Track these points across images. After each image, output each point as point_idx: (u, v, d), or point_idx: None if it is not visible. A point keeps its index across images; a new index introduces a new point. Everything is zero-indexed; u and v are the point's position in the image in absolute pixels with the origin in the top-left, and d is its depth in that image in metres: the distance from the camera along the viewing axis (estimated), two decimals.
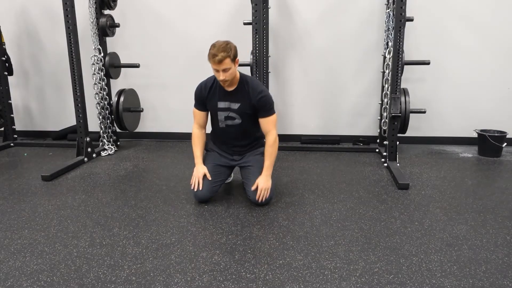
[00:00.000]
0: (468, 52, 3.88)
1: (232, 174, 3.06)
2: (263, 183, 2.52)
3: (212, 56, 2.36)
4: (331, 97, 4.16)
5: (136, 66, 4.00)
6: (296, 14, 4.02)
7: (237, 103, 2.55)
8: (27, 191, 2.92)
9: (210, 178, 2.59)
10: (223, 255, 2.01)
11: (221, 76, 2.39)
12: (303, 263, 1.93)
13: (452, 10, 3.82)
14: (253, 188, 2.53)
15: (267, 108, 2.54)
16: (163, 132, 4.46)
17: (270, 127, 2.56)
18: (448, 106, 4.02)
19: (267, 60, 3.81)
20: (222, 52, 2.32)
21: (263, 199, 2.51)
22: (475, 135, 3.76)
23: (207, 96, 2.61)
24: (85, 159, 3.62)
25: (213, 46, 2.37)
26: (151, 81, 4.34)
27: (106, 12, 3.88)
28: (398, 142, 3.46)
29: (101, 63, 3.82)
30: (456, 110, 4.02)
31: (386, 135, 3.49)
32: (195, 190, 2.58)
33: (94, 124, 3.96)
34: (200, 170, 2.62)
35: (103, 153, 3.89)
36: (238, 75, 2.50)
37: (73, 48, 3.50)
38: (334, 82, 4.12)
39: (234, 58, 2.39)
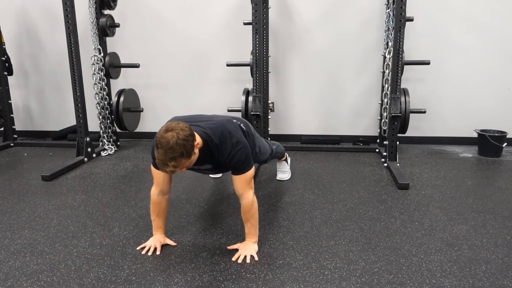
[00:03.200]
0: (468, 52, 3.88)
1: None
2: (244, 250, 2.01)
3: (161, 165, 1.73)
4: (331, 97, 4.16)
5: (136, 66, 4.00)
6: (296, 14, 4.02)
7: (208, 165, 2.07)
8: (27, 191, 2.92)
9: (158, 253, 2.05)
10: (223, 255, 2.01)
11: (181, 172, 1.83)
12: (303, 263, 1.93)
13: (452, 10, 3.82)
14: (233, 258, 1.98)
15: (239, 166, 1.96)
16: None
17: (243, 187, 1.98)
18: (448, 106, 4.02)
19: (267, 60, 3.81)
20: (171, 161, 1.69)
21: (244, 262, 1.96)
22: (475, 135, 3.76)
23: None
24: (85, 159, 3.62)
25: (157, 145, 1.70)
26: (151, 81, 4.34)
27: (106, 12, 3.88)
28: (398, 142, 3.46)
29: (101, 63, 3.82)
30: (456, 110, 4.02)
31: (386, 135, 3.49)
32: (147, 254, 2.05)
33: (94, 124, 3.96)
34: (157, 239, 2.10)
35: (103, 153, 3.88)
36: (201, 142, 1.86)
37: (73, 48, 3.50)
38: (334, 82, 4.12)
39: (190, 153, 1.73)
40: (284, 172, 3.14)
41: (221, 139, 1.92)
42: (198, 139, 1.83)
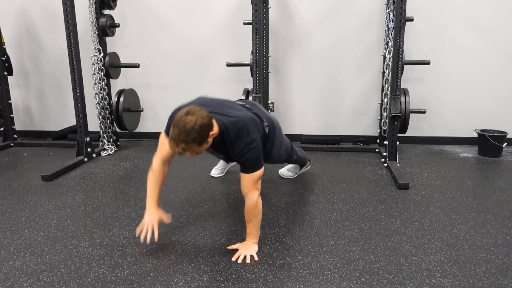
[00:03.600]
0: (468, 52, 3.88)
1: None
2: (244, 250, 2.01)
3: (171, 143, 1.78)
4: (331, 97, 4.16)
5: (136, 66, 4.00)
6: (296, 14, 4.02)
7: (222, 154, 2.13)
8: (27, 191, 2.92)
9: (156, 234, 2.02)
10: (223, 255, 2.01)
11: (190, 155, 1.85)
12: (303, 263, 1.93)
13: (452, 10, 3.82)
14: (233, 258, 1.98)
15: (247, 165, 1.95)
16: None
17: (248, 187, 1.96)
18: (448, 106, 4.02)
19: (267, 60, 3.82)
20: (183, 143, 1.74)
21: (244, 262, 1.96)
22: (475, 135, 3.76)
23: None
24: (85, 159, 3.62)
25: (174, 123, 1.76)
26: (151, 81, 4.33)
27: (106, 12, 3.88)
28: (398, 142, 3.46)
29: (101, 63, 3.82)
30: (456, 110, 4.02)
31: (386, 135, 3.49)
32: (145, 241, 2.01)
33: (94, 124, 3.96)
34: (153, 216, 2.05)
35: (103, 153, 3.88)
36: (217, 132, 1.88)
37: (73, 48, 3.50)
38: (334, 82, 4.12)
39: (202, 141, 1.78)
40: (290, 171, 3.12)
41: (237, 133, 1.91)
42: (215, 129, 1.86)
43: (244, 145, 1.91)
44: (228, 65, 3.75)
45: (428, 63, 3.57)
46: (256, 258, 1.97)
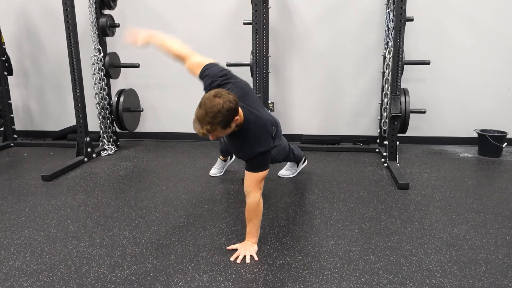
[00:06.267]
0: (468, 52, 3.88)
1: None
2: (244, 250, 2.01)
3: (197, 123, 1.78)
4: (331, 97, 4.16)
5: (136, 66, 4.00)
6: (296, 14, 4.02)
7: (240, 151, 2.06)
8: (27, 191, 2.92)
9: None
10: (223, 255, 2.01)
11: (210, 138, 1.86)
12: (303, 263, 1.93)
13: (452, 10, 3.82)
14: (232, 258, 1.97)
15: (255, 165, 2.00)
16: (163, 132, 4.46)
17: (252, 186, 2.00)
18: (448, 106, 4.02)
19: (267, 60, 3.81)
20: (208, 125, 1.75)
21: (244, 262, 1.96)
22: (475, 135, 3.76)
23: None
24: (85, 159, 3.62)
25: (201, 104, 1.76)
26: (151, 81, 4.33)
27: (106, 12, 3.88)
28: (398, 142, 3.46)
29: (101, 63, 3.82)
30: (456, 110, 4.02)
31: (386, 135, 3.49)
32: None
33: (94, 124, 3.96)
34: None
35: (103, 153, 3.88)
36: (241, 119, 1.90)
37: (73, 48, 3.50)
38: (334, 82, 4.12)
39: (227, 125, 1.79)
40: (288, 169, 3.15)
41: (257, 134, 1.97)
42: (240, 117, 1.88)
43: (258, 147, 1.97)
44: (228, 65, 3.73)
45: (428, 63, 3.57)
46: (256, 258, 1.97)
